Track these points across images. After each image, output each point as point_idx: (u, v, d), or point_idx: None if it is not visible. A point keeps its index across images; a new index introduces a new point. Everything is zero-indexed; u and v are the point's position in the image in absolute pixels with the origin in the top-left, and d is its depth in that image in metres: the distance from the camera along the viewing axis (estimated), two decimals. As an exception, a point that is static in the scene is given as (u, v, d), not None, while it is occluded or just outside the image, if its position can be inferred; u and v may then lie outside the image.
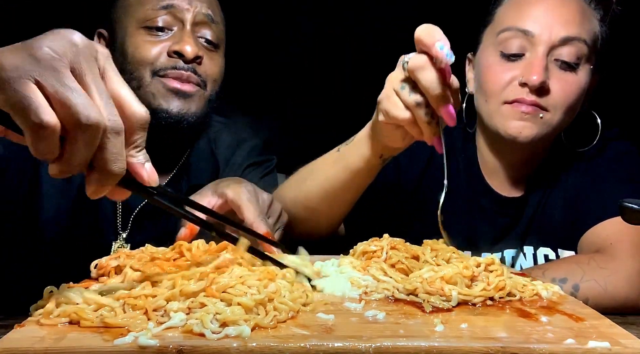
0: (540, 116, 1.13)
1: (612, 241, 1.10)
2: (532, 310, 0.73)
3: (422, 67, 0.81)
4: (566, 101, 1.13)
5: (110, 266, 0.77)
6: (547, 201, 1.26)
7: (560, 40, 1.11)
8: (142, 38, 1.18)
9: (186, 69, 1.18)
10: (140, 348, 0.57)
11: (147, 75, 1.17)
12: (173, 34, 1.20)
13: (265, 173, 1.40)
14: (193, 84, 1.20)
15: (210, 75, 1.24)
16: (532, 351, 0.60)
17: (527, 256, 1.27)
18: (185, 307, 0.65)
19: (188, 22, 1.20)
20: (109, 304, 0.65)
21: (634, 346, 0.61)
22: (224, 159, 1.38)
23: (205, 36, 1.23)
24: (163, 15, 1.19)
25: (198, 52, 1.19)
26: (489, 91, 1.17)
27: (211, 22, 1.23)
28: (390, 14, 1.91)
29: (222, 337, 0.59)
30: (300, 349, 0.58)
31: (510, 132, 1.14)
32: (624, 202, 0.78)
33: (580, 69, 1.14)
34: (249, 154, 1.40)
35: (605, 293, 1.01)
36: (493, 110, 1.17)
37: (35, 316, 0.64)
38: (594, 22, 1.17)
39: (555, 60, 1.13)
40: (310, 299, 0.72)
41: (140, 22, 1.19)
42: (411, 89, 0.85)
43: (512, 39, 1.14)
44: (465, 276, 0.77)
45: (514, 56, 1.14)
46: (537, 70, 1.10)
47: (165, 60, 1.18)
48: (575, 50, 1.12)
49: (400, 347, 0.59)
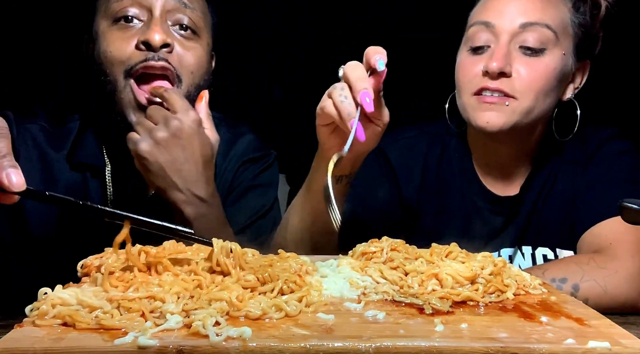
0: (506, 103, 1.14)
1: (611, 241, 1.10)
2: (532, 310, 0.73)
3: (354, 66, 0.93)
4: (532, 84, 1.14)
5: (94, 265, 0.77)
6: (544, 200, 1.26)
7: (520, 26, 1.14)
8: (113, 34, 1.15)
9: (156, 59, 1.12)
10: (140, 348, 0.57)
11: (120, 78, 1.13)
12: (143, 24, 1.15)
13: (263, 169, 1.37)
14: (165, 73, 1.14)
15: (186, 67, 1.17)
16: (532, 351, 0.60)
17: (526, 256, 1.27)
18: (180, 309, 0.65)
19: (157, 9, 1.14)
20: (101, 306, 0.64)
21: (634, 346, 0.61)
22: (222, 154, 1.33)
23: (181, 22, 1.17)
24: (129, 6, 1.14)
25: (166, 39, 1.13)
26: (460, 85, 1.21)
27: (185, 7, 1.17)
28: (390, 16, 1.92)
29: (224, 338, 0.59)
30: (300, 349, 0.58)
31: (478, 123, 1.16)
32: (624, 202, 0.78)
33: (546, 54, 1.15)
34: (245, 150, 1.36)
35: (605, 293, 1.01)
36: (465, 103, 1.19)
37: (31, 317, 0.64)
38: (560, 9, 1.17)
39: (520, 48, 1.15)
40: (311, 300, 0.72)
41: (110, 18, 1.15)
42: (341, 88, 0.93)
43: (478, 33, 1.18)
44: (465, 277, 0.77)
45: (480, 49, 1.18)
46: (497, 57, 1.13)
47: (136, 56, 1.13)
48: (538, 35, 1.14)
49: (400, 347, 0.59)
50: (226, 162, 1.34)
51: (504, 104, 1.14)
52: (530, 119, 1.16)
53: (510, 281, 0.79)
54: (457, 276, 0.77)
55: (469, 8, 1.25)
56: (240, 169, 1.34)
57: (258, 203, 1.30)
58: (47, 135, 1.24)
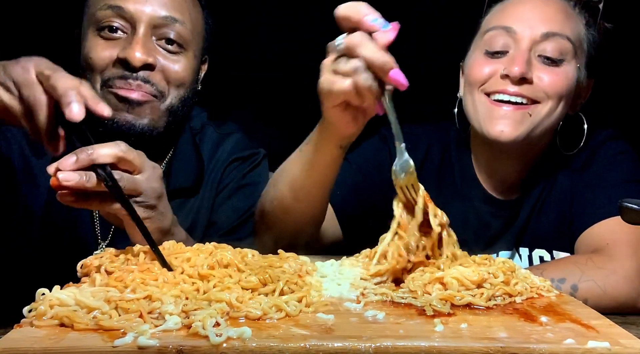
0: (529, 113, 1.13)
1: (609, 241, 1.10)
2: (532, 310, 0.73)
3: (361, 42, 0.81)
4: (555, 89, 1.13)
5: (93, 265, 0.77)
6: (542, 203, 1.26)
7: (541, 35, 1.13)
8: (96, 41, 1.13)
9: (134, 78, 1.11)
10: (140, 348, 0.57)
11: (97, 85, 1.13)
12: (125, 38, 1.13)
13: (252, 167, 1.35)
14: (144, 92, 1.13)
15: (173, 81, 1.16)
16: (532, 351, 0.60)
17: (523, 258, 1.27)
18: (180, 310, 0.65)
19: (141, 26, 1.12)
20: (99, 307, 0.64)
21: (634, 346, 0.61)
22: (209, 156, 1.33)
23: (167, 36, 1.15)
24: (114, 17, 1.12)
25: (147, 59, 1.11)
26: (472, 82, 1.19)
27: (173, 22, 1.15)
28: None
29: (224, 338, 0.59)
30: (300, 349, 0.58)
31: (491, 133, 1.14)
32: (623, 202, 0.78)
33: (565, 64, 1.15)
34: (232, 149, 1.35)
35: (604, 293, 1.01)
36: (476, 100, 1.18)
37: (29, 318, 0.64)
38: (578, 24, 1.18)
39: (539, 56, 1.14)
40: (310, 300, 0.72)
41: (95, 25, 1.13)
42: (347, 60, 0.83)
43: (496, 37, 1.17)
44: (472, 280, 0.76)
45: (497, 53, 1.17)
46: (519, 62, 1.12)
47: (114, 70, 1.12)
48: (558, 46, 1.14)
49: (400, 347, 0.59)
50: (214, 162, 1.33)
51: (526, 113, 1.13)
52: (544, 127, 1.16)
53: (522, 287, 0.78)
54: (463, 280, 0.76)
55: (476, 11, 1.25)
56: (228, 168, 1.33)
57: (247, 203, 1.29)
58: (29, 140, 1.20)
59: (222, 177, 1.33)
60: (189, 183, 1.27)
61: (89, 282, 0.73)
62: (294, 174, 1.06)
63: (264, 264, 0.79)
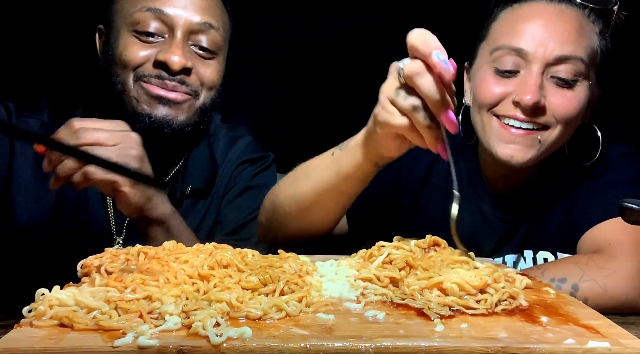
0: (539, 138, 1.11)
1: (610, 242, 1.10)
2: (532, 310, 0.73)
3: (419, 73, 0.80)
4: (565, 115, 1.11)
5: (93, 265, 0.77)
6: (547, 205, 1.26)
7: (555, 59, 1.09)
8: (130, 40, 1.14)
9: (171, 79, 1.14)
10: (140, 348, 0.57)
11: (130, 80, 1.14)
12: (163, 41, 1.15)
13: (260, 170, 1.38)
14: (181, 92, 1.16)
15: (206, 83, 1.20)
16: (532, 351, 0.60)
17: (527, 260, 1.27)
18: (180, 311, 0.65)
19: (179, 31, 1.14)
20: (99, 307, 0.64)
21: (634, 346, 0.61)
22: (221, 157, 1.36)
23: (201, 43, 1.18)
24: (152, 20, 1.13)
25: (186, 64, 1.14)
26: (481, 102, 1.16)
27: (208, 29, 1.18)
28: (390, 18, 1.91)
29: (224, 338, 0.59)
30: (300, 349, 0.58)
31: (500, 156, 1.13)
32: (624, 202, 0.78)
33: (577, 85, 1.12)
34: (243, 151, 1.38)
35: (605, 293, 1.01)
36: (486, 122, 1.16)
37: (28, 318, 0.64)
38: (592, 38, 1.14)
39: (552, 78, 1.11)
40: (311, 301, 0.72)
41: (131, 25, 1.14)
42: (406, 94, 0.83)
43: (505, 56, 1.12)
44: (474, 285, 0.74)
45: (508, 73, 1.13)
46: (531, 90, 1.08)
47: (150, 68, 1.14)
48: (572, 68, 1.10)
49: (400, 347, 0.59)
50: (224, 164, 1.36)
51: (536, 138, 1.11)
52: (554, 148, 1.15)
53: (517, 289, 0.77)
54: (465, 285, 0.74)
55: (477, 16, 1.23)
56: (237, 169, 1.36)
57: (253, 204, 1.31)
58: (45, 131, 1.23)
59: (230, 178, 1.36)
60: (201, 185, 1.29)
61: (88, 282, 0.73)
62: (321, 178, 1.06)
63: (264, 264, 0.79)
